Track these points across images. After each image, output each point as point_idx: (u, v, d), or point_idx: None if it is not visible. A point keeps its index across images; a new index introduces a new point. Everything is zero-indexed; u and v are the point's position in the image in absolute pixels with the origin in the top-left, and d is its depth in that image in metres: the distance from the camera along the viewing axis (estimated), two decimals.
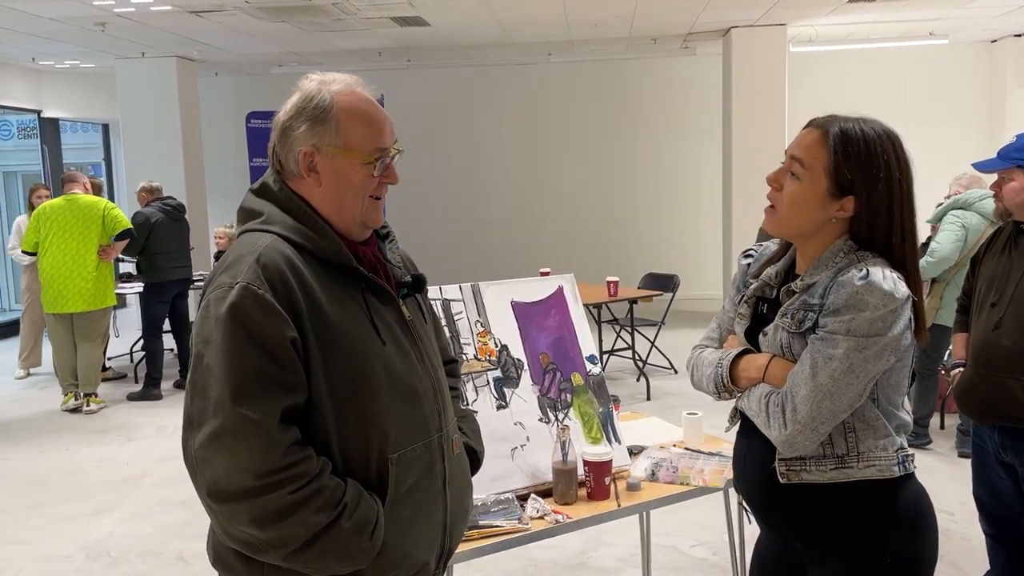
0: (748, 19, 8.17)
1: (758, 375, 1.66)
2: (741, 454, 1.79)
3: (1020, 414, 2.52)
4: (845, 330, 1.53)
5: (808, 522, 1.66)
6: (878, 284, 1.53)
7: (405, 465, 1.47)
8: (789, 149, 1.66)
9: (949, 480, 4.53)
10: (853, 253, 1.62)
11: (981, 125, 9.82)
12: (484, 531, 2.15)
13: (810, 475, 1.62)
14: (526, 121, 10.67)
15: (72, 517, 4.44)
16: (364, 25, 7.81)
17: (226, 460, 1.31)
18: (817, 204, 1.61)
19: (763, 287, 1.75)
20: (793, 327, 1.61)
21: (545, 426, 2.51)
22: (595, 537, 3.87)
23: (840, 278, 1.56)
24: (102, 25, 7.48)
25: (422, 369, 1.54)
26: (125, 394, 6.94)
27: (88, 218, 6.31)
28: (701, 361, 1.80)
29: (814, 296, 1.60)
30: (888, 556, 1.62)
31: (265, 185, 1.52)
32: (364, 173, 1.49)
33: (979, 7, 7.76)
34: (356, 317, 1.45)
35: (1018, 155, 2.61)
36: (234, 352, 1.33)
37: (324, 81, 1.50)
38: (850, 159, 1.58)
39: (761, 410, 1.62)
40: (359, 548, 1.39)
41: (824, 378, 1.53)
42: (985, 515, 2.88)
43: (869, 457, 1.61)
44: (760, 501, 1.75)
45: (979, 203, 4.89)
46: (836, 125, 1.60)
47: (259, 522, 1.32)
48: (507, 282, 2.69)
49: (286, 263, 1.39)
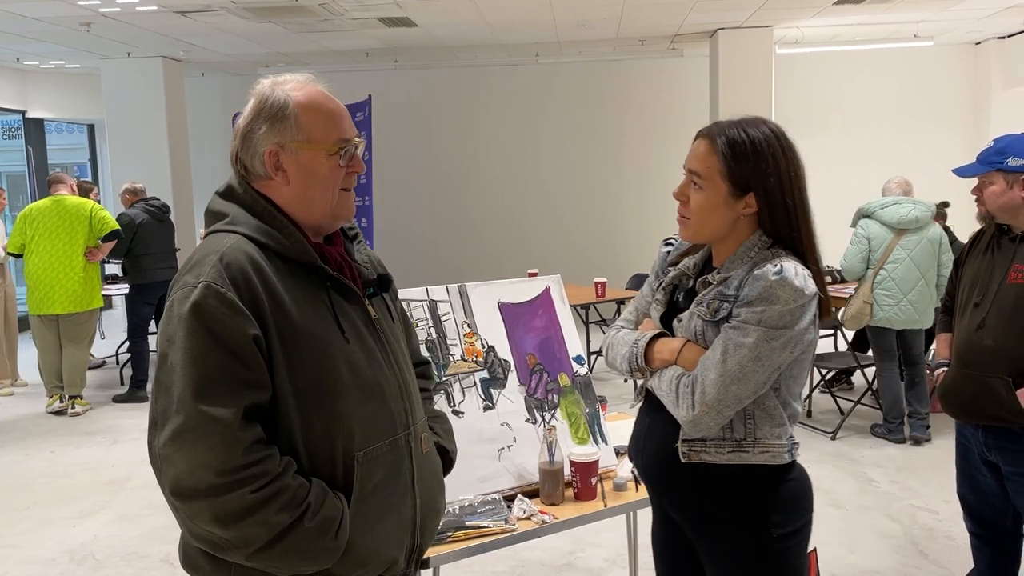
0: (735, 21, 8.21)
1: (671, 357, 1.75)
2: (642, 431, 1.88)
3: (1003, 413, 2.54)
4: (757, 320, 1.62)
5: (701, 498, 1.77)
6: (790, 280, 1.62)
7: (371, 463, 1.48)
8: (686, 164, 1.75)
9: (933, 479, 4.56)
10: (767, 249, 1.71)
11: (965, 127, 9.89)
12: (471, 532, 2.15)
13: (708, 456, 1.72)
14: (513, 122, 10.67)
15: (57, 520, 4.41)
16: (351, 26, 7.79)
17: (188, 457, 1.31)
18: (722, 207, 1.71)
19: (680, 276, 1.85)
20: (708, 315, 1.70)
21: (532, 427, 2.51)
22: (582, 538, 3.88)
23: (755, 272, 1.65)
24: (87, 25, 7.44)
25: (388, 367, 1.55)
26: (110, 396, 6.90)
27: (75, 219, 6.27)
28: (616, 340, 1.89)
29: (730, 288, 1.69)
30: (773, 530, 1.74)
31: (230, 187, 1.53)
32: (330, 164, 1.50)
33: (963, 9, 7.82)
34: (320, 316, 1.46)
35: (997, 158, 2.63)
36: (197, 350, 1.33)
37: (277, 82, 1.52)
38: (740, 159, 1.68)
39: (671, 390, 1.71)
40: (323, 547, 1.39)
41: (733, 364, 1.63)
42: (969, 513, 2.91)
43: (764, 444, 1.71)
44: (657, 476, 1.85)
45: (880, 211, 5.07)
46: (721, 131, 1.71)
47: (220, 520, 1.33)
48: (494, 283, 2.69)
49: (249, 262, 1.40)
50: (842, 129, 10.07)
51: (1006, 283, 2.58)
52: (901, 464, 4.84)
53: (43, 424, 6.23)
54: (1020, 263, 2.58)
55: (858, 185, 8.24)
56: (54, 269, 6.22)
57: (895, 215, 5.01)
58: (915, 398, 5.18)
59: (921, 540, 3.87)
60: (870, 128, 10.06)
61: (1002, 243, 2.67)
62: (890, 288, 5.02)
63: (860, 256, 5.12)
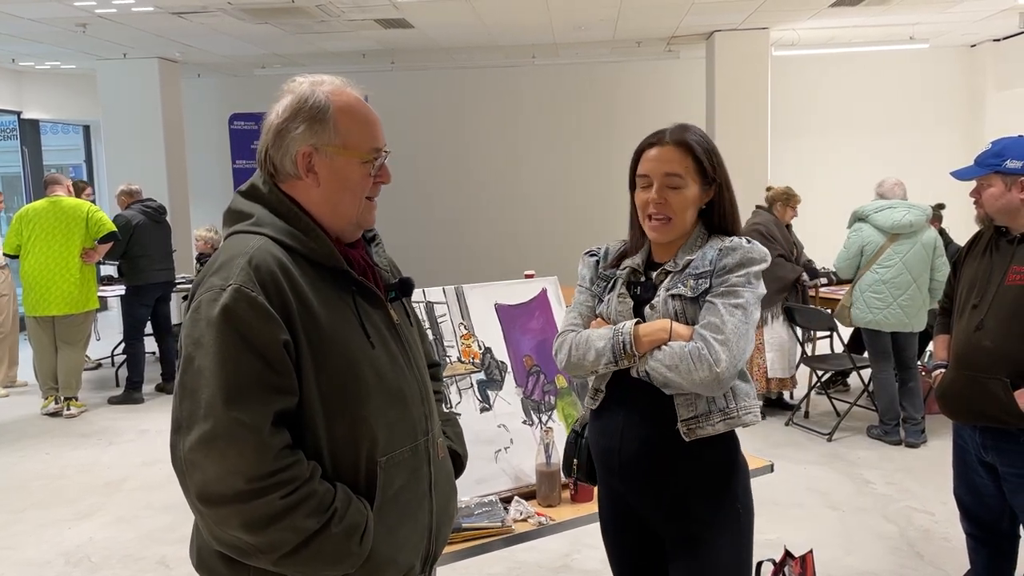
0: (731, 23, 8.21)
1: (665, 335, 1.83)
2: (614, 426, 1.93)
3: (1001, 414, 2.55)
4: (745, 282, 1.81)
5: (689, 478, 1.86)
6: (759, 246, 1.86)
7: (393, 469, 1.47)
8: (657, 170, 1.89)
9: (929, 480, 4.56)
10: (710, 236, 1.92)
11: (961, 128, 9.91)
12: (467, 533, 2.14)
13: (704, 430, 1.83)
14: (510, 123, 10.67)
15: (53, 522, 4.39)
16: (348, 27, 7.79)
17: (218, 464, 1.30)
18: (696, 201, 1.90)
19: (631, 274, 1.98)
20: (689, 292, 1.84)
21: (529, 428, 2.51)
22: (578, 539, 3.87)
23: (726, 245, 1.85)
24: (83, 26, 7.43)
25: (410, 373, 1.54)
26: (106, 398, 6.87)
27: (71, 221, 6.25)
28: (582, 339, 1.94)
29: (699, 268, 1.85)
30: (739, 505, 1.89)
31: (254, 187, 1.50)
32: (362, 172, 1.50)
33: (959, 12, 7.84)
34: (346, 320, 1.45)
35: (995, 160, 2.63)
36: (227, 355, 1.31)
37: (315, 82, 1.51)
38: (709, 155, 1.89)
39: (681, 360, 1.78)
40: (348, 552, 1.38)
41: (737, 322, 1.78)
42: (966, 515, 2.91)
43: (744, 404, 1.86)
44: (644, 466, 1.89)
45: (875, 215, 5.11)
46: (682, 135, 1.90)
47: (249, 526, 1.31)
48: (491, 284, 2.69)
49: (278, 265, 1.38)
50: (837, 131, 10.08)
51: (1004, 285, 2.59)
52: (897, 465, 4.84)
53: (38, 425, 6.21)
54: (1018, 265, 2.58)
55: (853, 187, 8.25)
56: (50, 271, 6.19)
57: (889, 219, 5.02)
58: (909, 403, 5.18)
59: (917, 541, 3.87)
60: (865, 130, 10.08)
61: (1000, 245, 2.68)
62: (880, 291, 5.04)
63: (854, 261, 5.18)
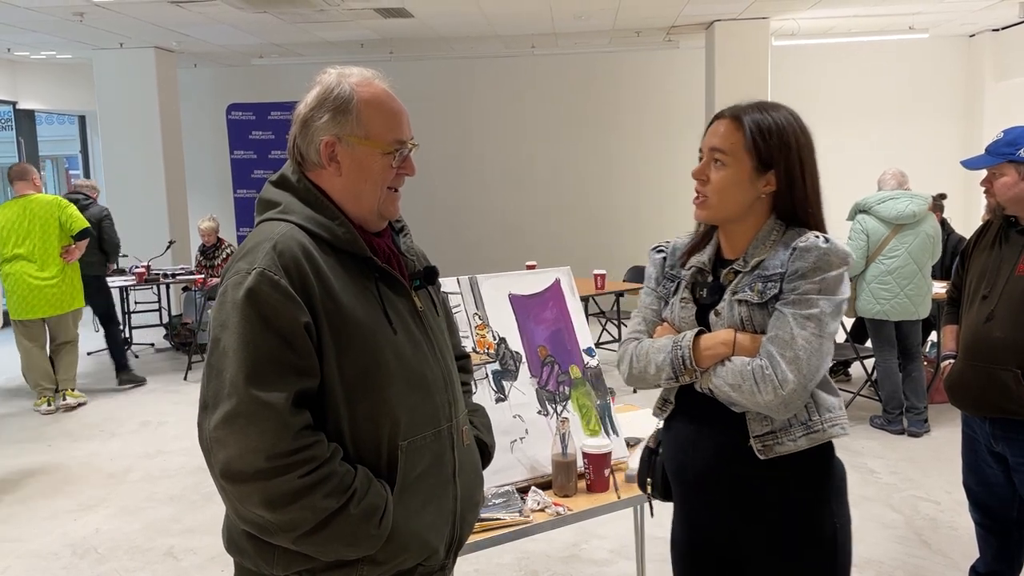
0: (731, 12, 8.20)
1: (727, 350, 1.67)
2: (687, 440, 1.78)
3: (1011, 405, 2.56)
4: (818, 290, 1.61)
5: (768, 498, 1.69)
6: (838, 245, 1.64)
7: (415, 453, 1.49)
8: (705, 144, 1.74)
9: (933, 469, 4.58)
10: (787, 229, 1.71)
11: (959, 119, 9.91)
12: (486, 523, 2.15)
13: (783, 447, 1.65)
14: (509, 114, 10.64)
15: (58, 514, 4.39)
16: (347, 16, 7.74)
17: (239, 441, 1.33)
18: (745, 183, 1.69)
19: (697, 274, 1.80)
20: (755, 298, 1.66)
21: (544, 419, 2.51)
22: (587, 529, 3.88)
23: (800, 244, 1.64)
24: (80, 15, 7.37)
25: (433, 359, 1.56)
26: (105, 390, 6.88)
27: (46, 220, 6.10)
28: (642, 351, 1.79)
29: (769, 268, 1.66)
30: (836, 522, 1.71)
31: (284, 176, 1.55)
32: (383, 163, 1.53)
33: (958, 2, 7.84)
34: (369, 306, 1.47)
35: (1008, 150, 2.63)
36: (249, 335, 1.36)
37: (343, 74, 1.56)
38: (764, 135, 1.68)
39: (745, 379, 1.62)
40: (367, 534, 1.41)
41: (810, 336, 1.60)
42: (975, 504, 2.92)
43: (830, 417, 1.68)
44: (718, 485, 1.74)
45: (877, 207, 5.10)
46: (743, 111, 1.71)
47: (269, 504, 1.34)
48: (504, 275, 2.69)
49: (301, 251, 1.42)
50: (837, 121, 10.08)
51: (1015, 275, 2.59)
52: (901, 455, 4.86)
53: (40, 418, 6.19)
54: None
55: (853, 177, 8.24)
56: (31, 274, 6.06)
57: (892, 211, 5.03)
58: (912, 392, 5.20)
59: (924, 530, 3.89)
60: (865, 120, 10.08)
61: (1010, 235, 2.68)
62: (887, 282, 5.05)
63: (860, 252, 5.14)
